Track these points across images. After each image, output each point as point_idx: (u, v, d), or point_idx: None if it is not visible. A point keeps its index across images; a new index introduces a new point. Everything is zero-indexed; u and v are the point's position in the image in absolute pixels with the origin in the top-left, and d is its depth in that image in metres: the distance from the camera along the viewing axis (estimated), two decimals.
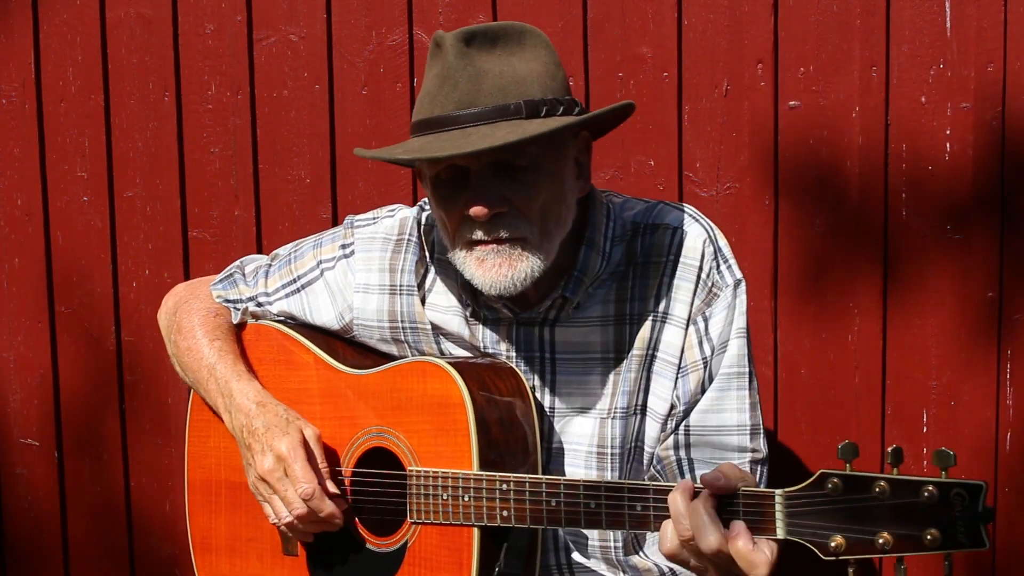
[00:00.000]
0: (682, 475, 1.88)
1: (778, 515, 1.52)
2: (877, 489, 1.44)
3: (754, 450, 1.87)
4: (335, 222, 2.70)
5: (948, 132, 2.46)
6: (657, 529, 1.62)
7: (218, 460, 2.07)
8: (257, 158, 2.74)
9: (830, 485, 1.48)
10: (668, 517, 1.59)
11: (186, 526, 2.12)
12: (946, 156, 2.47)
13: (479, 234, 1.74)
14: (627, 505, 1.64)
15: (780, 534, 1.53)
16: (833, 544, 1.47)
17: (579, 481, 1.69)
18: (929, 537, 1.42)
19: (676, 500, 1.57)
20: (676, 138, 2.56)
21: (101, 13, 2.77)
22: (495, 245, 1.74)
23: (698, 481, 1.59)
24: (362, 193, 2.70)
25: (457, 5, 2.62)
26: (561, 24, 2.57)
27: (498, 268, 1.75)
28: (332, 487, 1.84)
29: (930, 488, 1.41)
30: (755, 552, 1.51)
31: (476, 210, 1.71)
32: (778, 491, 1.53)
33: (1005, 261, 2.48)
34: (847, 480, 1.47)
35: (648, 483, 1.65)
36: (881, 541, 1.44)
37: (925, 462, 2.55)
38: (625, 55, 2.57)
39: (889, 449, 1.45)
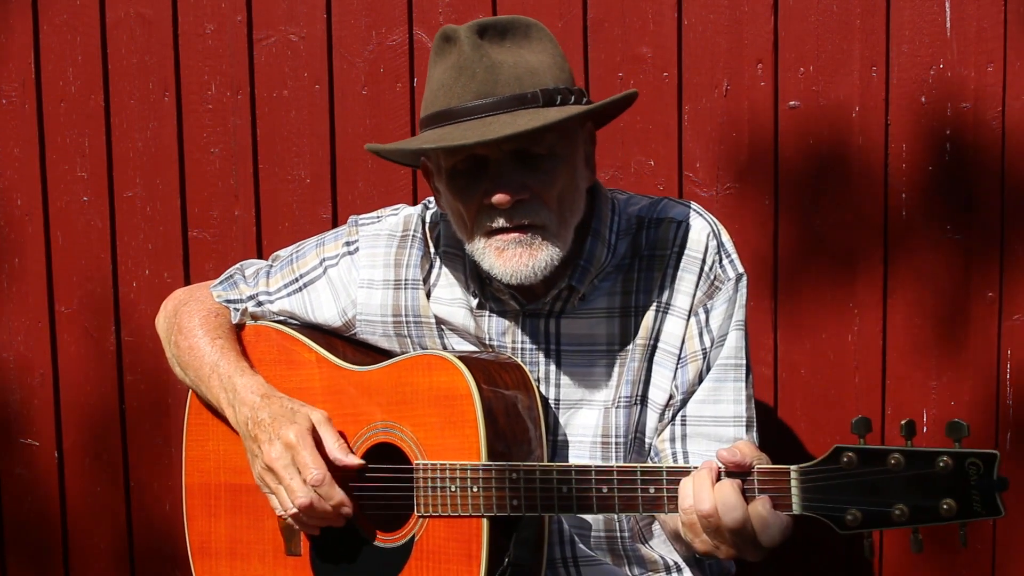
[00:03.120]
0: None
1: (794, 490, 1.53)
2: (892, 461, 1.45)
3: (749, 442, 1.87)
4: (335, 222, 2.70)
5: (947, 132, 2.46)
6: (672, 511, 1.62)
7: (217, 463, 2.06)
8: (257, 158, 2.74)
9: (845, 459, 1.48)
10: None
11: (184, 530, 2.11)
12: (946, 156, 2.47)
13: (500, 222, 1.75)
14: (640, 488, 1.64)
15: (796, 509, 1.53)
16: (849, 518, 1.48)
17: (590, 466, 1.68)
18: (945, 507, 1.42)
19: (702, 477, 1.57)
20: (676, 138, 2.56)
21: (101, 13, 2.77)
22: (517, 234, 1.75)
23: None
24: (362, 193, 2.70)
25: (457, 5, 2.62)
26: (561, 24, 2.57)
27: (519, 258, 1.76)
28: (350, 459, 1.81)
29: (945, 459, 1.43)
30: (774, 514, 1.53)
31: (499, 197, 1.72)
32: (793, 467, 1.53)
33: (1005, 261, 2.48)
34: (862, 454, 1.47)
35: (660, 466, 1.65)
36: (897, 513, 1.45)
37: None
38: (625, 55, 2.57)
39: (903, 422, 1.45)
